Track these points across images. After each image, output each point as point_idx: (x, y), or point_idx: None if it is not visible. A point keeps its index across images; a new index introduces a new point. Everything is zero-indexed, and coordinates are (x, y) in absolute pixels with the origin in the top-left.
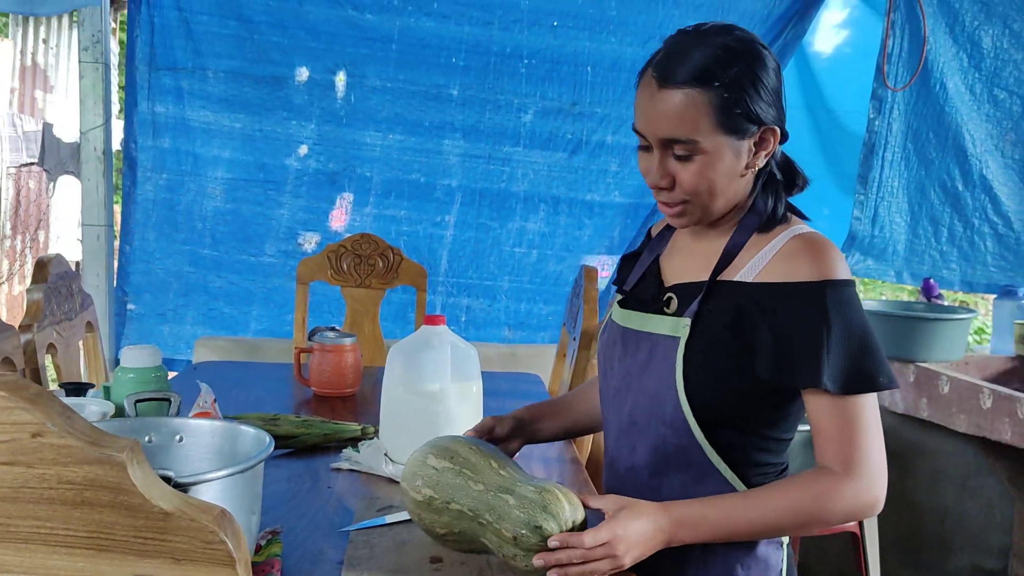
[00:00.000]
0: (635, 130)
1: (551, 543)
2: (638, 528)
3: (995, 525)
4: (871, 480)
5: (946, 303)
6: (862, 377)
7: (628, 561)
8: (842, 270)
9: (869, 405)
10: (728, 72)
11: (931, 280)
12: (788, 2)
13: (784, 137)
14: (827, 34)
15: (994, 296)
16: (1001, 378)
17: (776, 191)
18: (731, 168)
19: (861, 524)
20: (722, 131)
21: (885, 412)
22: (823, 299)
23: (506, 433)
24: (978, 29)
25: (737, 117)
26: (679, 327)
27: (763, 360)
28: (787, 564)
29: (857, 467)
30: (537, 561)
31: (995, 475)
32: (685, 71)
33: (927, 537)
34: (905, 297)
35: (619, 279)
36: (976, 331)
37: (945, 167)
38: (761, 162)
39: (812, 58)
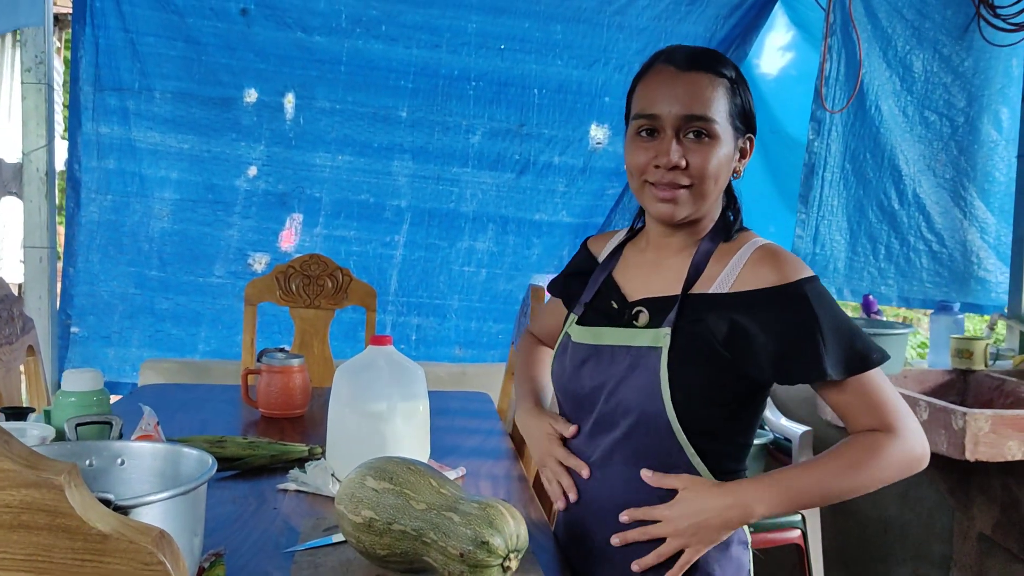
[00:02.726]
0: (642, 115)
1: (623, 518)
2: (708, 511)
3: (936, 535)
4: (914, 434)
5: (885, 319)
6: (860, 358)
7: (690, 538)
8: (807, 268)
9: (879, 376)
10: (733, 72)
11: (870, 296)
12: (728, 27)
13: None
14: (772, 56)
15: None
16: (938, 391)
17: (735, 207)
18: (728, 163)
19: (804, 535)
20: (730, 122)
21: (827, 425)
22: (805, 296)
23: None
24: (909, 54)
25: (740, 114)
26: (659, 337)
27: (765, 365)
28: (752, 565)
29: (897, 426)
30: (615, 540)
31: (935, 486)
32: (706, 60)
33: (870, 548)
34: (848, 313)
35: (565, 295)
36: (920, 344)
37: (882, 186)
38: (740, 169)
39: (759, 80)
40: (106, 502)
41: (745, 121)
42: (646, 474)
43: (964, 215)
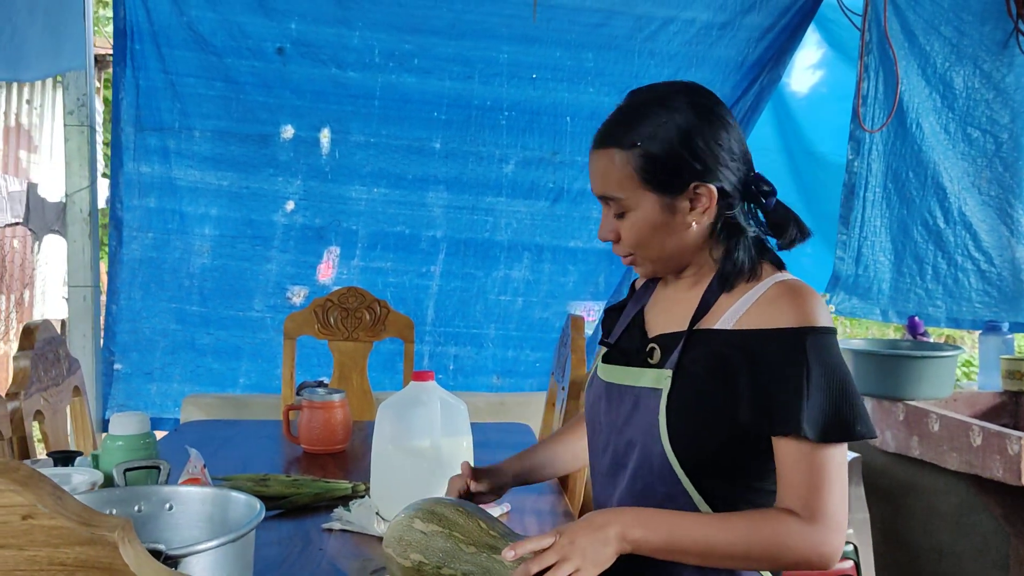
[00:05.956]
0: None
1: (507, 555)
2: (583, 523)
3: (991, 562)
4: (831, 532)
5: (932, 340)
6: (840, 425)
7: (579, 558)
8: (823, 317)
9: (838, 455)
10: (648, 132)
11: (916, 318)
12: (762, 49)
13: (726, 194)
14: (802, 75)
15: (979, 332)
16: (990, 414)
17: (746, 245)
18: (666, 224)
19: (858, 566)
20: (649, 188)
21: (877, 451)
22: (803, 345)
23: (484, 488)
24: (949, 70)
25: (662, 175)
26: (661, 379)
27: (744, 406)
28: None
29: (820, 516)
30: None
31: (988, 512)
32: (607, 133)
33: None
34: (891, 334)
35: (604, 332)
36: (964, 363)
37: (926, 205)
38: (701, 218)
39: (789, 98)
40: (157, 552)
41: (677, 177)
42: (506, 554)
43: (1012, 232)
